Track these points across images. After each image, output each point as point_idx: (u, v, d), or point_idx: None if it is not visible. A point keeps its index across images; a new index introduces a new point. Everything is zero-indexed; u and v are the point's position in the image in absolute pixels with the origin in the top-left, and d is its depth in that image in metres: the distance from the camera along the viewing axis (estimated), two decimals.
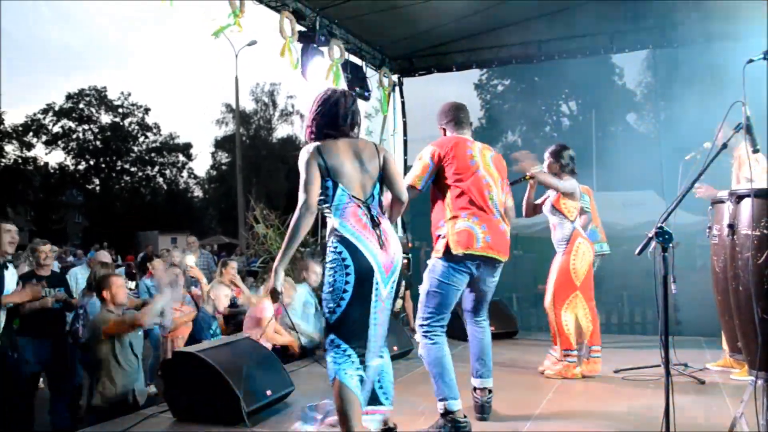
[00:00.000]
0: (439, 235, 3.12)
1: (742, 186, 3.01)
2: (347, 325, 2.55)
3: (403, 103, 7.35)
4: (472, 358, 3.32)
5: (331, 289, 2.55)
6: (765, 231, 2.61)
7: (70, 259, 13.89)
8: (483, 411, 3.28)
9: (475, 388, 3.31)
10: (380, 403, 2.72)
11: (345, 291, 2.53)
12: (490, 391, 3.31)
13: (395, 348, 4.77)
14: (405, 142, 7.37)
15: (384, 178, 2.74)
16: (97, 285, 4.06)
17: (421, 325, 3.10)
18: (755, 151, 2.75)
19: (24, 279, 4.32)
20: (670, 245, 2.43)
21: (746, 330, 2.68)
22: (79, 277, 5.46)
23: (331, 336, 2.57)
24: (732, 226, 2.72)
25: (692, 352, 4.57)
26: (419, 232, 8.28)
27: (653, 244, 2.44)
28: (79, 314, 4.63)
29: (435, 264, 3.10)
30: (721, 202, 2.94)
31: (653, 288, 2.46)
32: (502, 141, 27.20)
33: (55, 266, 5.55)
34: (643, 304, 7.61)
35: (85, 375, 4.58)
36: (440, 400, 3.01)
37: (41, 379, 4.82)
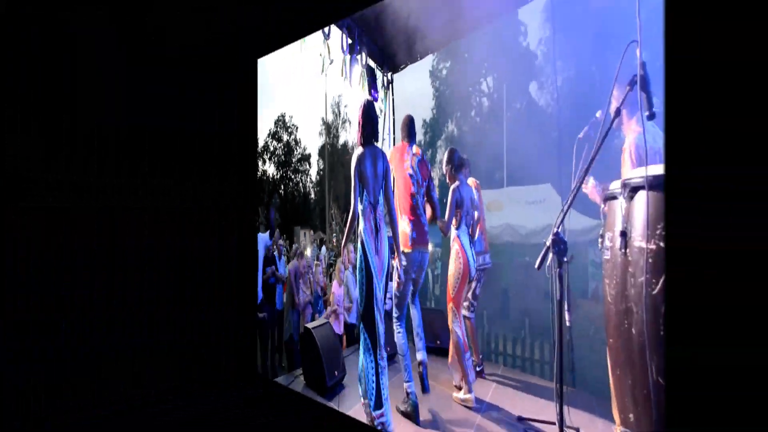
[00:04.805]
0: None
1: (634, 174, 2.07)
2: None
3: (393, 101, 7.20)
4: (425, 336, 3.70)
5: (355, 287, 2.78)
6: (662, 244, 1.85)
7: None
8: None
9: (423, 363, 3.68)
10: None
11: (361, 289, 2.84)
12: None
13: (388, 348, 4.53)
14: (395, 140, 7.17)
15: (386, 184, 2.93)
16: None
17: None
18: (651, 116, 2.00)
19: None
20: (564, 259, 2.04)
21: (638, 396, 1.84)
22: None
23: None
24: (624, 234, 2.02)
25: (587, 413, 3.44)
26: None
27: (550, 255, 2.05)
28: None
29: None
30: (614, 198, 2.14)
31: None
32: (445, 131, 21.97)
33: None
34: (545, 335, 5.62)
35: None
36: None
37: None
